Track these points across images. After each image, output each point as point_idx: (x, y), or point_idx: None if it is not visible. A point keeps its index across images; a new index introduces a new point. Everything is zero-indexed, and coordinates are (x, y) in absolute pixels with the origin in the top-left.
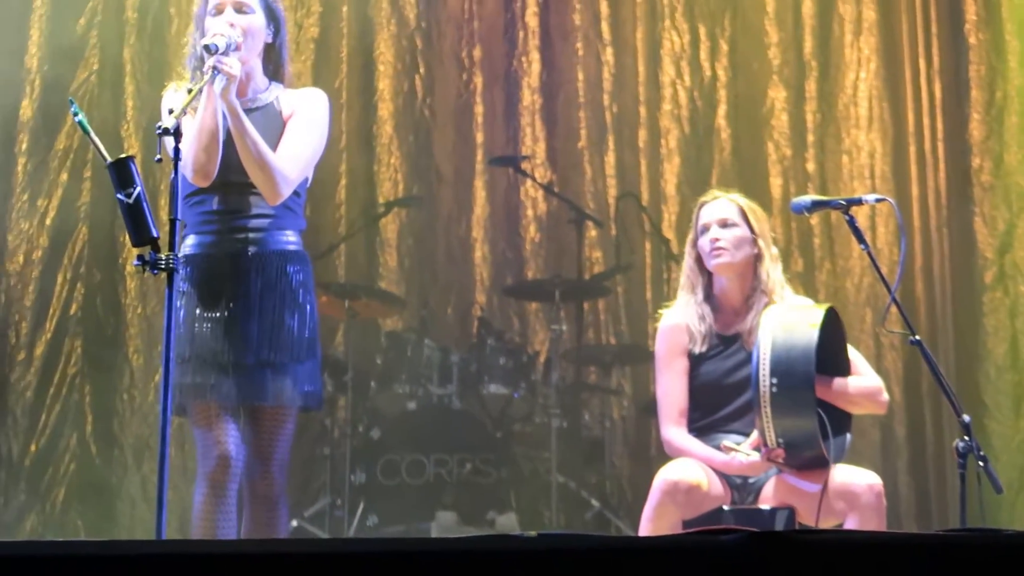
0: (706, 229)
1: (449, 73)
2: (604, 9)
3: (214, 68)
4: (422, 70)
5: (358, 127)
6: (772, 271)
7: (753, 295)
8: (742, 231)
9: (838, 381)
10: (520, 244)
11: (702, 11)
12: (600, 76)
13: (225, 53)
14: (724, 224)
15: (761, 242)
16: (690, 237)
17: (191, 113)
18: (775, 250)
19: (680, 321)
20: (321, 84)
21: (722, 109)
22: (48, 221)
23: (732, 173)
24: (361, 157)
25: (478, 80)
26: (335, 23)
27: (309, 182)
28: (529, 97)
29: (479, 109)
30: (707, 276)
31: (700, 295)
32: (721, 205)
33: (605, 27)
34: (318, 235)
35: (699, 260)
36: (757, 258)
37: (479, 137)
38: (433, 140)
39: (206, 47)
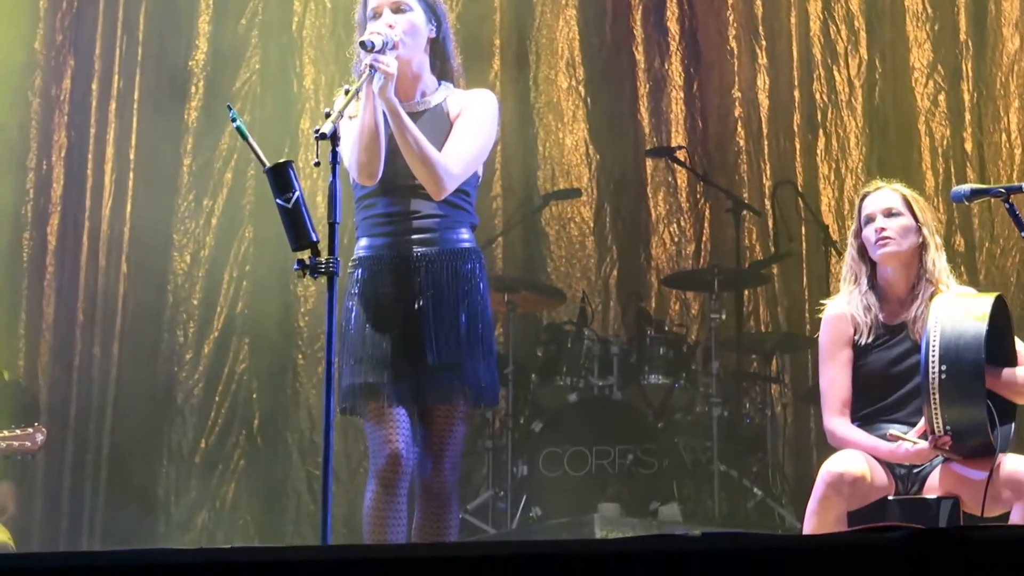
0: (871, 219)
1: (607, 62)
2: None
3: (371, 67)
4: (578, 59)
5: (513, 118)
6: (938, 260)
7: (919, 284)
8: (907, 220)
9: (1007, 372)
10: (678, 234)
11: None
12: (754, 62)
13: (382, 51)
14: (889, 213)
15: (926, 231)
16: (853, 228)
17: (351, 115)
18: (939, 239)
19: (845, 311)
20: (474, 76)
21: (877, 92)
22: (214, 221)
23: (890, 157)
24: (517, 148)
25: (634, 70)
26: (488, 14)
27: (479, 178)
28: (683, 86)
29: (633, 99)
30: (871, 266)
31: (864, 285)
32: (885, 195)
33: (759, 13)
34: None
35: (862, 250)
36: (923, 247)
37: (637, 127)
38: (590, 130)
39: (362, 44)
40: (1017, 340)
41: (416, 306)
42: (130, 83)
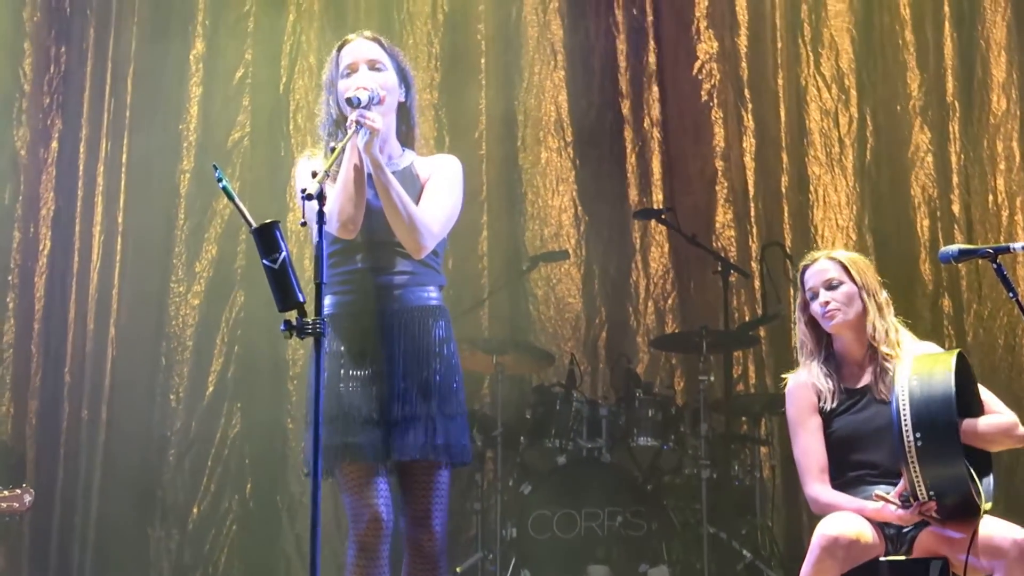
0: (815, 294)
1: (594, 124)
2: (744, 58)
3: (357, 122)
4: (566, 120)
5: (500, 179)
6: (880, 322)
7: (875, 344)
8: (848, 287)
9: (976, 422)
10: (666, 295)
11: (844, 56)
12: (741, 124)
13: (367, 107)
14: (830, 285)
15: (864, 294)
16: (798, 301)
17: (334, 173)
18: (885, 294)
19: (806, 380)
20: (461, 136)
21: (868, 153)
22: (205, 284)
23: (880, 216)
24: (504, 210)
25: (619, 130)
26: (475, 75)
27: (446, 243)
28: (669, 149)
29: (618, 160)
30: (825, 336)
31: (822, 355)
32: (823, 265)
33: (744, 76)
34: (462, 289)
35: (812, 322)
36: (867, 310)
37: (624, 189)
38: (577, 192)
39: (348, 100)
40: (981, 388)
41: (387, 362)
42: (118, 145)
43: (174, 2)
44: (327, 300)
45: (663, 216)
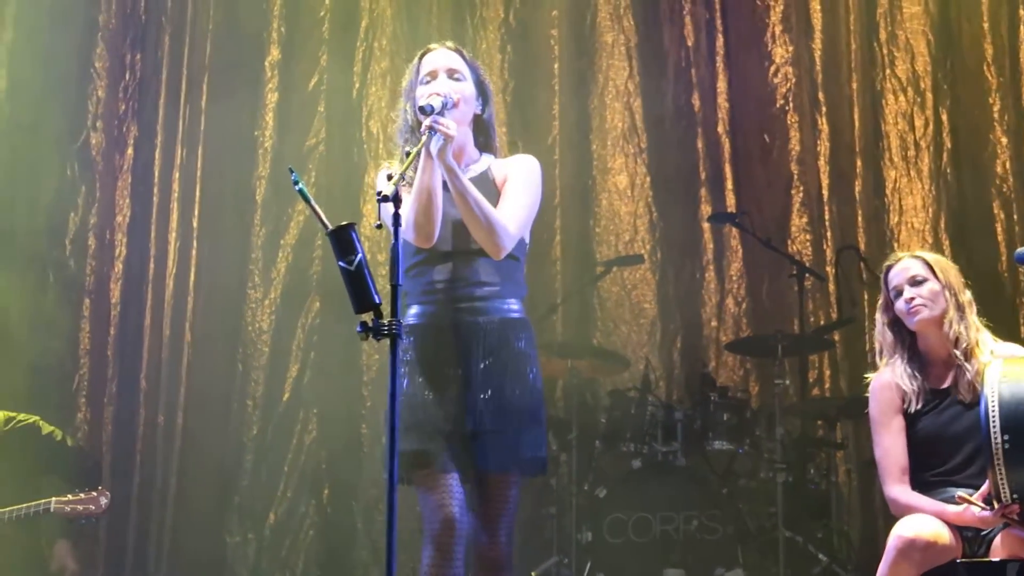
0: (899, 291)
1: (668, 129)
2: (818, 62)
3: (431, 128)
4: (640, 125)
5: (574, 184)
6: (959, 322)
7: (957, 345)
8: (934, 284)
9: None
10: (741, 298)
11: (920, 58)
12: (816, 128)
13: (441, 113)
14: (914, 282)
15: (947, 293)
16: (880, 302)
17: (410, 179)
18: (968, 295)
19: (890, 380)
20: (534, 139)
21: (944, 156)
22: (281, 290)
23: (957, 219)
24: (578, 215)
25: (697, 130)
26: (548, 80)
27: (528, 247)
28: (743, 153)
29: (693, 165)
30: (909, 336)
31: (906, 355)
32: (907, 264)
33: (818, 80)
34: (536, 294)
35: (894, 323)
36: (948, 309)
37: (699, 192)
38: (651, 196)
39: (421, 108)
40: None
41: (467, 374)
42: (193, 152)
43: (249, 9)
44: (411, 310)
45: (737, 220)
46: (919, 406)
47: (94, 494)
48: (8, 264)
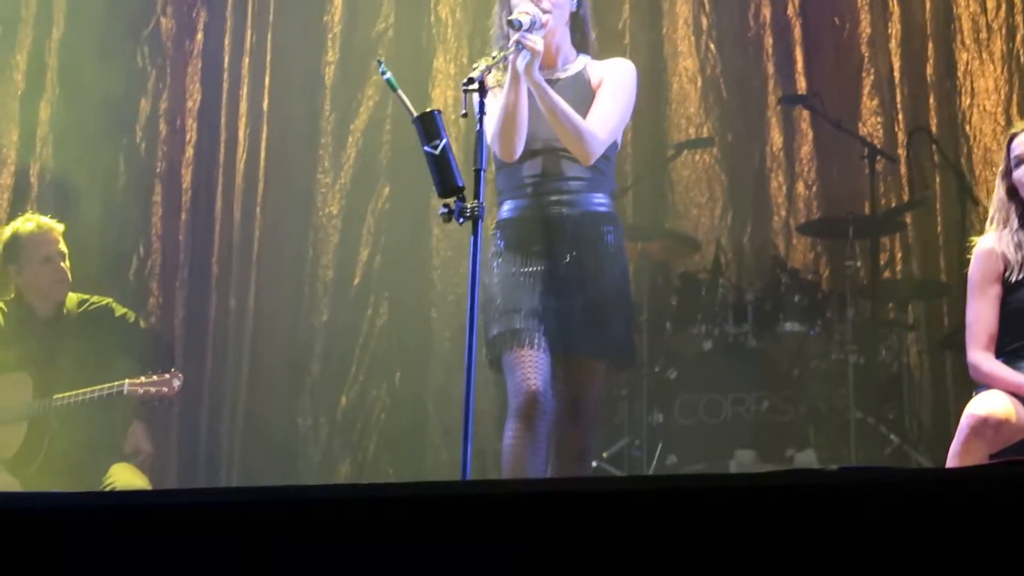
0: (1020, 160)
1: (733, 11)
2: None
3: (518, 43)
4: (707, 7)
5: (643, 67)
6: None
7: None
8: None
9: None
10: (812, 181)
11: None
12: (886, 10)
13: (529, 30)
14: None
15: None
16: (1001, 168)
17: (498, 85)
18: None
19: (995, 247)
20: (604, 23)
21: (1017, 39)
22: (350, 174)
23: None
24: (647, 98)
25: (766, 13)
26: None
27: (618, 146)
28: (813, 34)
29: (767, 44)
30: (1021, 206)
31: (1015, 224)
32: None
33: None
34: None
35: (1012, 191)
36: None
37: (767, 73)
38: (721, 79)
39: (510, 22)
40: None
41: (561, 265)
42: (263, 38)
43: None
44: (505, 206)
45: (809, 102)
46: (1020, 276)
47: (167, 376)
48: (80, 151)
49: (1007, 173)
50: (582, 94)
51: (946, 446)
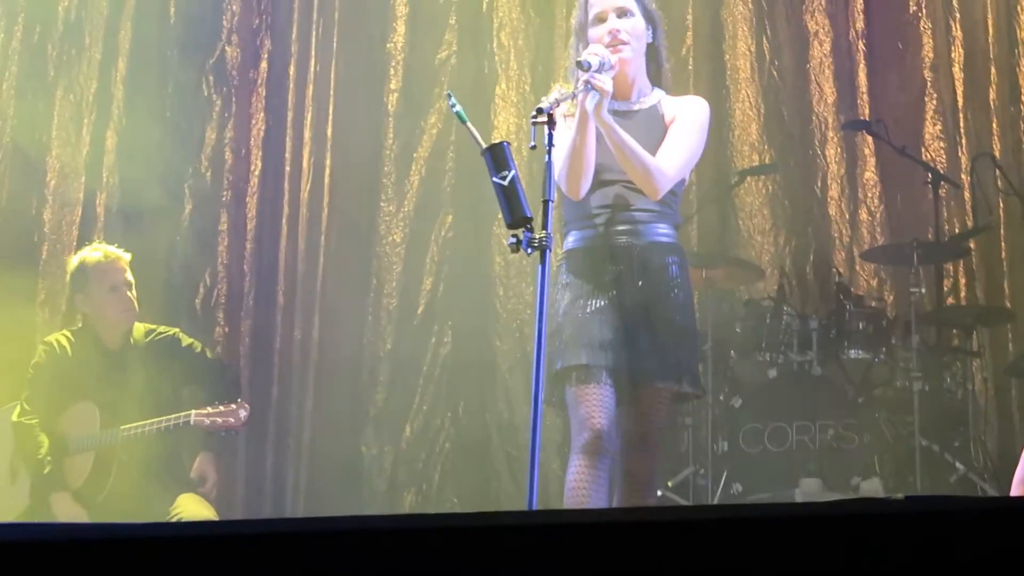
0: None
1: (794, 35)
2: None
3: (587, 83)
4: (768, 32)
5: (707, 94)
6: None
7: None
8: None
9: None
10: (876, 207)
11: None
12: (950, 34)
13: (599, 71)
14: None
15: None
16: None
17: (569, 115)
18: None
19: None
20: (669, 49)
21: None
22: (414, 203)
23: None
24: (711, 125)
25: (828, 39)
26: None
27: (686, 182)
28: (876, 60)
29: (827, 71)
30: None
31: None
32: None
33: None
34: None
35: None
36: None
37: (830, 99)
38: (783, 103)
39: (579, 64)
40: None
41: (627, 295)
42: (327, 66)
43: None
44: (570, 237)
45: (872, 128)
46: None
47: (233, 406)
48: (146, 180)
49: None
50: (655, 129)
51: (1012, 474)
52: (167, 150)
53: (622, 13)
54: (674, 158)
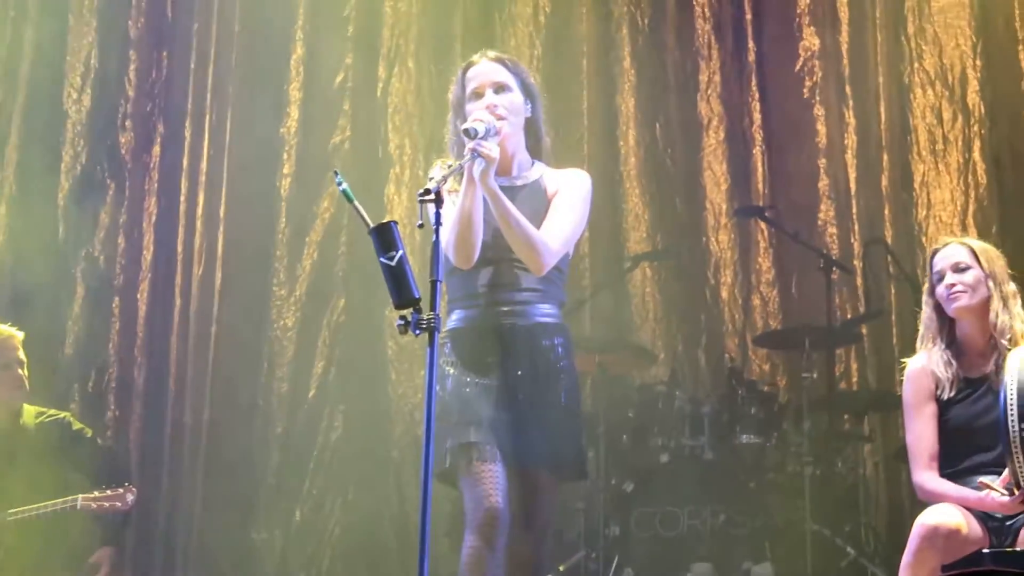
0: (941, 276)
1: (689, 124)
2: (845, 55)
3: (473, 151)
4: (662, 119)
5: (601, 179)
6: (1002, 312)
7: (995, 335)
8: (976, 272)
9: None
10: (768, 292)
11: (948, 51)
12: (843, 121)
13: (484, 137)
14: (958, 268)
15: (991, 282)
16: (926, 287)
17: (453, 191)
18: (1012, 286)
19: (926, 366)
20: (564, 134)
21: (973, 150)
22: (306, 288)
23: (989, 210)
24: (606, 210)
25: (718, 127)
26: (575, 77)
27: (570, 256)
28: (769, 146)
29: (719, 158)
30: (948, 322)
31: (943, 342)
32: (953, 250)
33: (845, 73)
34: (565, 288)
35: (938, 308)
36: (992, 297)
37: (721, 186)
38: (676, 190)
39: (465, 131)
40: None
41: (513, 378)
42: (220, 150)
43: (275, 6)
44: (454, 315)
45: (765, 213)
46: (952, 394)
47: (121, 491)
48: (37, 262)
49: (932, 291)
50: (538, 203)
51: (901, 558)
52: (60, 233)
53: (500, 88)
54: (558, 232)
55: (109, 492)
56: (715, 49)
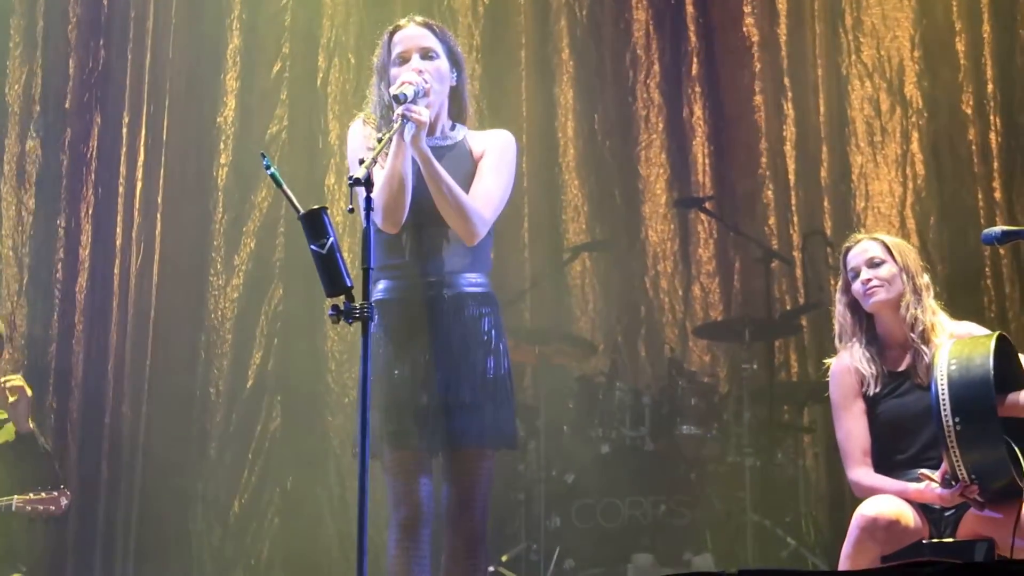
0: (856, 273)
1: (631, 113)
2: (783, 47)
3: (403, 116)
4: (603, 110)
5: (540, 170)
6: (924, 301)
7: (914, 328)
8: (891, 266)
9: (1012, 396)
10: (708, 284)
11: (885, 43)
12: (781, 113)
13: (414, 101)
14: (872, 263)
15: (904, 276)
16: (839, 284)
17: (382, 162)
18: (926, 278)
19: (849, 364)
20: (503, 124)
21: (912, 141)
22: (244, 277)
23: (927, 201)
24: (545, 200)
25: (657, 120)
26: (515, 68)
27: (493, 226)
28: (709, 138)
29: (658, 149)
30: (866, 318)
31: (864, 338)
32: (866, 246)
33: (784, 65)
34: (505, 280)
35: (853, 305)
36: (905, 291)
37: (660, 178)
38: (619, 181)
39: (395, 97)
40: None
41: (434, 349)
42: (158, 140)
43: None
44: (379, 285)
45: (705, 205)
46: (878, 389)
47: (55, 494)
48: None
49: (847, 288)
50: (464, 163)
51: (841, 549)
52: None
53: (426, 54)
54: (489, 199)
55: (44, 495)
56: (654, 40)
